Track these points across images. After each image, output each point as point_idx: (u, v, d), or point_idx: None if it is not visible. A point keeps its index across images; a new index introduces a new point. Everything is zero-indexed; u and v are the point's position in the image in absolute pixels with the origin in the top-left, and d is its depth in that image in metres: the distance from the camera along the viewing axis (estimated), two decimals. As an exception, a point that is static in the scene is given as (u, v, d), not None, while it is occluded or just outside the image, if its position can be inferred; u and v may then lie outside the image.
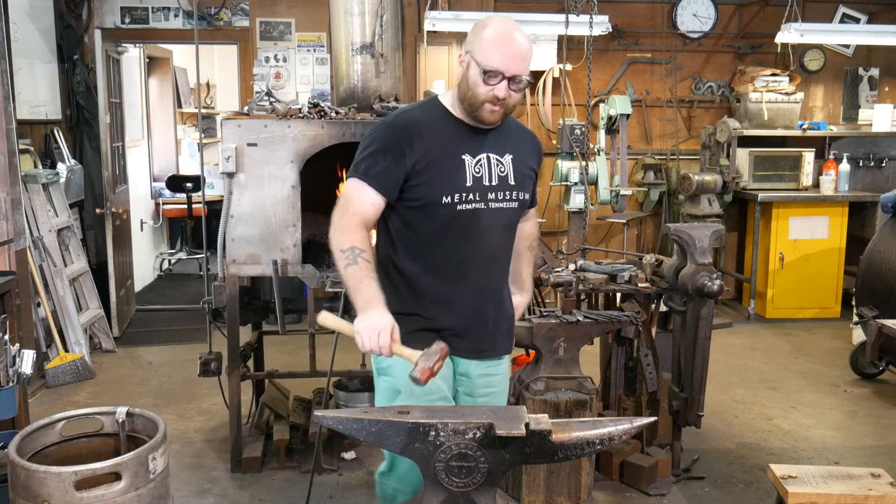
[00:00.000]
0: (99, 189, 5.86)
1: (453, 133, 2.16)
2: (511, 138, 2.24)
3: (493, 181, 2.16)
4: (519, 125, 2.36)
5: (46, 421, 2.35)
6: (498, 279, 2.28)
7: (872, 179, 6.72)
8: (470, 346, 2.23)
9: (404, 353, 1.94)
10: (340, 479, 3.60)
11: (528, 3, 6.43)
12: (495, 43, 2.06)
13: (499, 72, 2.05)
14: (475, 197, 2.13)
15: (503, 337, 2.33)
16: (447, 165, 2.12)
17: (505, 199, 2.18)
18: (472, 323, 2.22)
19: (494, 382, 2.32)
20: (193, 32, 4.17)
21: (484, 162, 2.15)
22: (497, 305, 2.28)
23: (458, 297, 2.18)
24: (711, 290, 3.18)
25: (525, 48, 2.09)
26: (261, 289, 3.88)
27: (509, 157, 2.19)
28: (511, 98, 2.10)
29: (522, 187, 2.21)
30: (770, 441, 4.05)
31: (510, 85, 2.07)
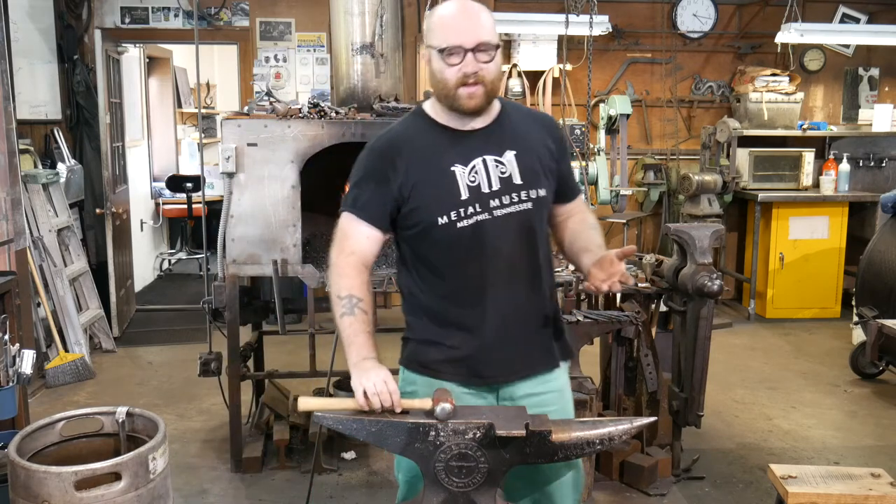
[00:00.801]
0: (99, 189, 5.86)
1: (438, 143, 1.95)
2: (512, 130, 1.99)
3: (495, 186, 1.92)
4: (525, 111, 2.11)
5: (46, 421, 2.35)
6: (522, 292, 2.00)
7: (872, 179, 6.72)
8: (501, 371, 2.01)
9: (414, 404, 1.83)
10: (340, 479, 3.60)
11: (528, 3, 6.43)
12: (443, 21, 1.89)
13: (456, 46, 1.84)
14: (475, 209, 1.91)
15: (542, 351, 2.06)
16: (436, 182, 1.92)
17: (513, 203, 1.93)
18: (497, 347, 1.98)
19: (549, 401, 2.03)
20: (193, 32, 4.17)
21: (479, 167, 1.93)
22: (526, 321, 2.02)
23: (478, 323, 1.97)
24: (711, 290, 3.17)
25: (475, 13, 1.88)
26: (261, 289, 3.89)
27: (511, 154, 1.94)
28: (484, 71, 1.85)
29: (535, 183, 1.95)
30: (770, 441, 4.05)
31: (476, 56, 1.84)
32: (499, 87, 2.00)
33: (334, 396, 4.00)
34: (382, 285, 3.38)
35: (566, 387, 2.13)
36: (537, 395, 2.04)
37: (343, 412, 1.84)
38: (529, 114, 2.11)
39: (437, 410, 1.79)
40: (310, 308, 3.55)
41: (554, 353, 2.09)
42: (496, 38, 1.89)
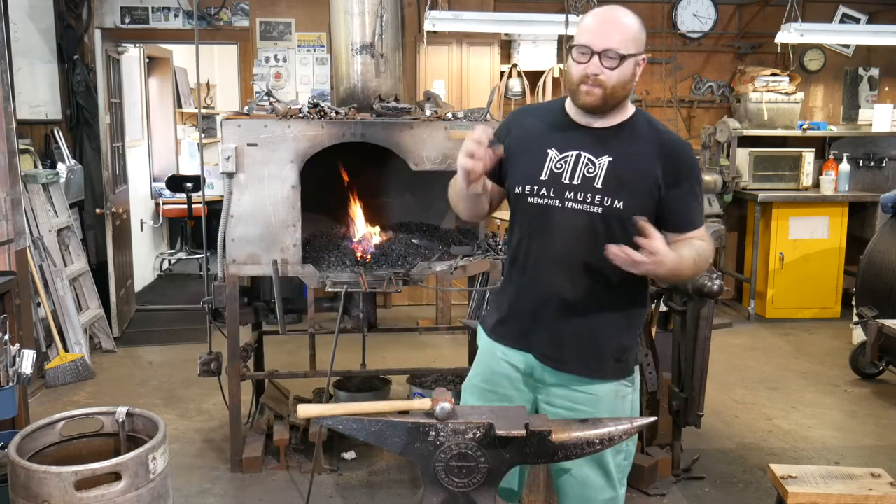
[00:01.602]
0: (99, 189, 5.86)
1: (553, 127, 2.08)
2: (622, 140, 2.03)
3: (576, 180, 2.01)
4: (655, 128, 2.08)
5: (46, 421, 2.35)
6: (570, 286, 2.05)
7: (872, 179, 6.72)
8: (534, 345, 2.11)
9: (413, 405, 1.85)
10: (340, 479, 3.60)
11: (528, 3, 6.43)
12: (587, 22, 1.99)
13: (586, 46, 1.94)
14: (549, 192, 2.03)
15: (587, 357, 2.08)
16: (528, 155, 2.07)
17: (585, 202, 1.99)
18: (532, 319, 2.10)
19: (580, 401, 2.08)
20: (193, 32, 4.17)
21: (571, 159, 2.03)
22: (570, 318, 2.06)
23: (523, 289, 2.12)
24: (711, 290, 3.18)
25: (616, 20, 1.96)
26: (261, 289, 3.88)
27: (606, 159, 2.00)
28: (606, 76, 1.93)
29: (614, 193, 1.98)
30: (770, 441, 4.05)
31: (602, 61, 1.93)
32: (622, 94, 2.00)
33: (334, 396, 4.01)
34: (383, 285, 3.38)
35: (608, 396, 2.10)
36: (567, 388, 2.10)
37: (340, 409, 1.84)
38: (656, 133, 2.07)
39: (437, 410, 1.79)
40: (310, 308, 3.55)
41: (594, 368, 2.09)
42: (631, 49, 1.95)
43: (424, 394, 4.01)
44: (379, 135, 3.44)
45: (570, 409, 2.10)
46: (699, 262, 2.01)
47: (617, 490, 2.16)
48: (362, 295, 3.56)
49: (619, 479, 2.16)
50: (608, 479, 2.12)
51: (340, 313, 3.43)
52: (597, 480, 2.12)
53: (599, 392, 2.10)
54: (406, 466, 3.68)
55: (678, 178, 2.02)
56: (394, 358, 5.24)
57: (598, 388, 2.10)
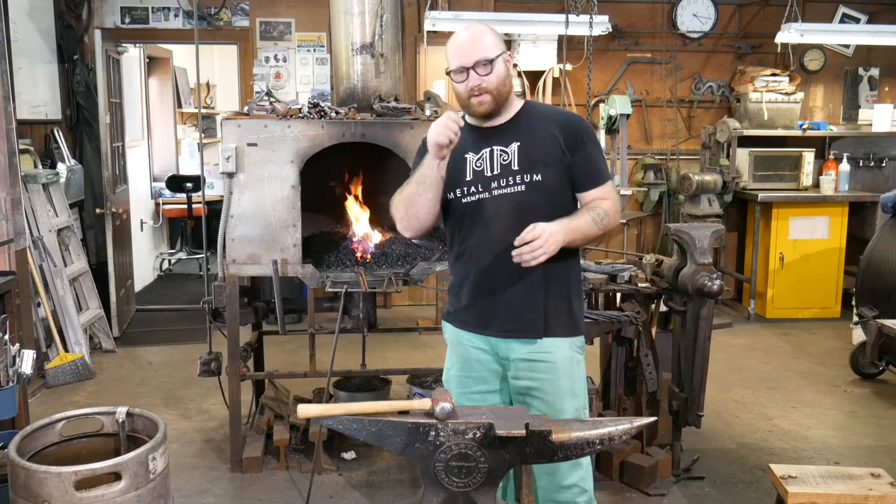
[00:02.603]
0: (99, 189, 5.86)
1: (464, 138, 2.29)
2: (523, 126, 2.31)
3: (496, 170, 2.28)
4: (545, 110, 2.42)
5: (46, 421, 2.35)
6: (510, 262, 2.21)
7: (872, 179, 6.72)
8: (491, 324, 2.34)
9: (413, 405, 1.88)
10: (340, 479, 3.60)
11: (528, 3, 6.43)
12: (449, 48, 2.26)
13: (460, 67, 2.22)
14: (477, 189, 2.30)
15: (531, 317, 2.30)
16: (452, 166, 2.29)
17: (509, 185, 2.27)
18: (487, 303, 2.34)
19: (541, 369, 2.31)
20: (193, 32, 4.17)
21: (486, 156, 2.30)
22: (519, 287, 2.29)
23: (474, 279, 2.35)
24: (711, 290, 3.18)
25: (473, 36, 2.23)
26: (261, 289, 3.88)
27: (515, 146, 2.28)
28: (486, 82, 2.21)
29: (531, 169, 2.26)
30: (770, 441, 4.05)
31: (477, 71, 2.20)
32: (506, 90, 2.27)
33: (334, 396, 4.01)
34: (383, 285, 3.38)
35: (564, 363, 2.34)
36: (533, 361, 2.32)
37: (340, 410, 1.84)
38: (548, 112, 2.40)
39: (437, 410, 1.79)
40: (310, 308, 3.55)
41: (543, 323, 2.31)
42: (495, 51, 2.22)
43: (424, 394, 4.01)
44: (379, 135, 3.44)
45: (532, 379, 2.32)
46: (601, 218, 2.26)
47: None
48: (362, 295, 3.56)
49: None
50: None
51: (340, 313, 3.43)
52: None
53: (556, 358, 2.32)
54: (406, 466, 3.68)
55: (578, 142, 2.29)
56: (394, 358, 5.24)
57: (554, 354, 2.32)
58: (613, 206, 2.31)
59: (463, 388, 2.41)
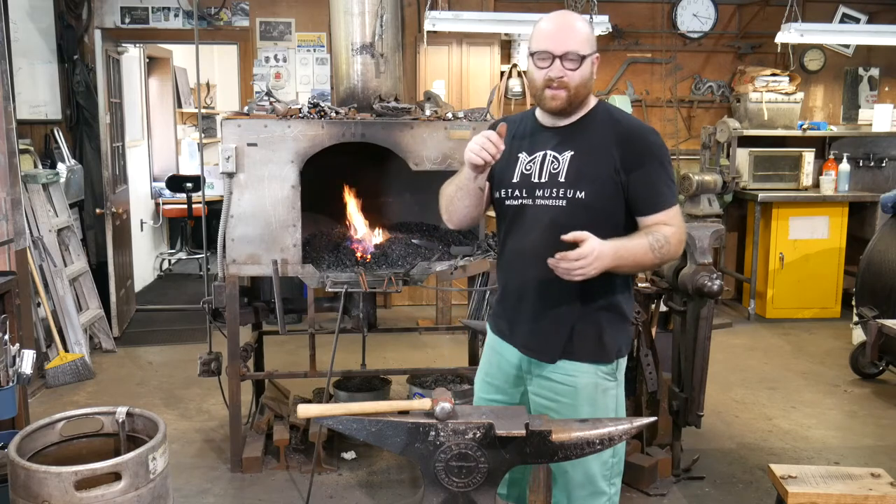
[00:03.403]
0: (99, 189, 5.86)
1: (524, 133, 2.21)
2: (583, 133, 2.13)
3: (543, 178, 2.13)
4: (615, 117, 2.17)
5: (46, 421, 2.35)
6: (543, 278, 2.09)
7: (872, 179, 6.72)
8: (517, 339, 2.23)
9: (413, 405, 1.87)
10: (340, 479, 3.60)
11: (529, 3, 6.43)
12: (540, 28, 2.11)
13: (546, 52, 2.05)
14: (521, 193, 2.16)
15: (556, 340, 2.15)
16: (505, 162, 2.17)
17: (551, 197, 2.11)
18: (514, 315, 2.23)
19: (561, 392, 2.16)
20: (193, 32, 4.17)
21: (538, 159, 2.15)
22: (547, 307, 2.15)
23: (507, 285, 2.27)
24: (711, 290, 3.17)
25: (570, 24, 2.07)
26: (261, 289, 3.88)
27: (568, 154, 2.11)
28: (568, 77, 2.05)
29: (576, 185, 2.08)
30: (770, 441, 4.05)
31: (563, 63, 2.04)
32: (584, 92, 2.11)
33: (334, 396, 4.01)
34: (383, 285, 3.38)
35: (586, 389, 2.16)
36: (549, 380, 2.18)
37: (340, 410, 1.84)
38: (614, 121, 2.16)
39: (437, 410, 1.79)
40: (310, 308, 3.55)
41: (563, 346, 2.15)
42: (587, 49, 2.07)
43: (424, 394, 4.01)
44: (379, 135, 3.44)
45: (551, 400, 2.17)
46: (661, 245, 2.04)
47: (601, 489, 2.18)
48: (362, 295, 3.56)
49: (607, 476, 2.19)
50: (588, 477, 2.16)
51: (340, 313, 3.43)
52: (576, 477, 2.17)
53: (578, 383, 2.15)
54: (406, 466, 3.68)
55: (638, 161, 2.08)
56: (394, 358, 5.24)
57: (577, 379, 2.15)
58: (677, 234, 2.07)
59: (483, 392, 2.34)
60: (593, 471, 2.16)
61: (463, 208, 2.22)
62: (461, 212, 2.24)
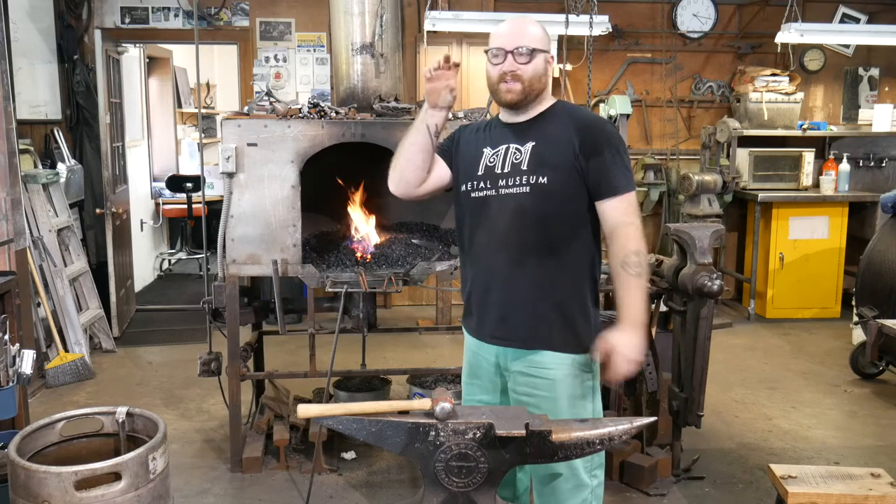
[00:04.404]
0: (99, 189, 5.86)
1: (488, 130, 2.32)
2: (542, 126, 2.22)
3: (506, 168, 2.21)
4: (572, 112, 2.27)
5: (46, 421, 2.35)
6: (516, 268, 2.19)
7: (872, 179, 6.72)
8: (486, 330, 2.28)
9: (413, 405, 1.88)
10: (340, 479, 3.60)
11: (528, 3, 6.43)
12: (497, 30, 2.23)
13: (498, 48, 2.17)
14: (486, 185, 2.23)
15: (527, 328, 2.19)
16: (469, 157, 2.30)
17: (515, 185, 2.19)
18: (482, 307, 2.28)
19: (539, 385, 2.19)
20: (193, 32, 4.17)
21: (501, 152, 2.24)
22: (518, 295, 2.19)
23: (474, 278, 2.31)
24: (711, 290, 3.18)
25: (522, 25, 2.20)
26: (261, 289, 3.88)
27: (530, 145, 2.20)
28: (521, 70, 2.15)
29: (538, 171, 2.16)
30: (770, 441, 4.05)
31: (515, 58, 2.15)
32: (538, 86, 2.21)
33: (334, 396, 4.01)
34: (383, 285, 3.38)
35: (565, 381, 2.20)
36: (526, 374, 2.22)
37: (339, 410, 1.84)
38: (573, 114, 2.26)
39: (437, 410, 1.79)
40: (310, 308, 3.55)
41: (532, 332, 2.20)
42: (538, 45, 2.18)
43: (424, 394, 4.01)
44: (379, 135, 3.44)
45: (530, 395, 2.20)
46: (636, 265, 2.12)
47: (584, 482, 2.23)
48: (362, 295, 3.56)
49: (588, 468, 2.23)
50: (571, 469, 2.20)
51: (340, 313, 3.43)
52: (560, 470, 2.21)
53: (555, 375, 2.19)
54: (406, 466, 3.68)
55: (595, 148, 2.16)
56: (394, 358, 5.24)
57: (553, 371, 2.19)
58: (636, 230, 2.16)
59: (468, 394, 2.37)
60: (576, 464, 2.20)
61: (413, 167, 2.27)
62: (410, 171, 2.28)
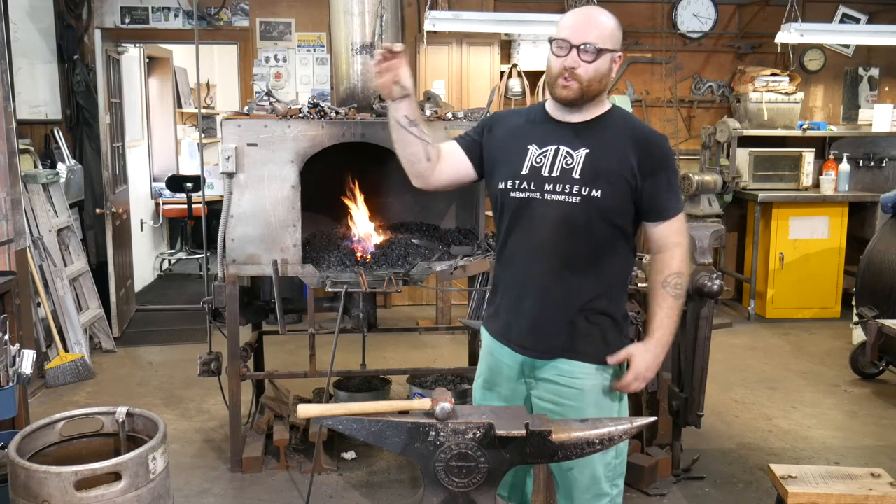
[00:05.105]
0: (99, 189, 5.86)
1: (533, 124, 2.17)
2: (599, 132, 2.10)
3: (555, 172, 2.07)
4: (629, 122, 2.17)
5: (46, 421, 2.35)
6: (555, 278, 2.10)
7: (872, 179, 6.72)
8: (513, 338, 2.18)
9: (413, 405, 1.87)
10: (340, 479, 3.60)
11: (529, 3, 6.43)
12: (566, 19, 2.11)
13: (565, 40, 2.03)
14: (529, 185, 2.09)
15: (561, 339, 2.11)
16: (510, 151, 2.15)
17: (564, 192, 2.05)
18: (513, 313, 2.17)
19: (566, 395, 2.12)
20: (193, 32, 4.18)
21: (550, 153, 2.10)
22: (554, 305, 2.11)
23: (506, 284, 2.20)
24: (711, 290, 3.18)
25: (594, 17, 2.07)
26: (261, 289, 3.88)
27: (583, 151, 2.06)
28: (582, 69, 2.02)
29: (592, 183, 2.03)
30: (770, 441, 4.05)
31: (580, 55, 2.02)
32: (598, 87, 2.08)
33: (334, 396, 4.01)
34: (383, 285, 3.38)
35: (593, 392, 2.14)
36: (554, 383, 2.14)
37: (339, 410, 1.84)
38: (630, 125, 2.16)
39: (437, 410, 1.79)
40: (310, 308, 3.55)
41: (571, 347, 2.12)
42: (608, 44, 2.06)
43: (424, 394, 4.01)
44: (379, 135, 3.44)
45: (556, 404, 2.13)
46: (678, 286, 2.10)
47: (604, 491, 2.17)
48: (362, 295, 3.56)
49: (610, 478, 2.18)
50: (592, 478, 2.15)
51: (340, 313, 3.43)
52: (581, 480, 2.15)
53: (584, 385, 2.13)
54: (406, 466, 3.68)
55: (653, 168, 2.07)
56: (394, 358, 5.24)
57: (582, 381, 2.12)
58: (683, 252, 2.10)
59: (484, 400, 2.27)
60: (598, 473, 2.14)
61: (412, 162, 2.20)
62: (411, 166, 2.22)
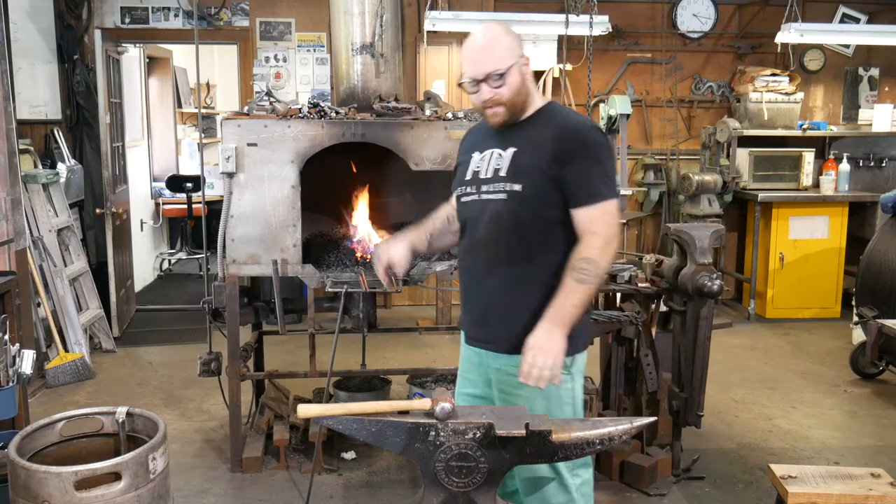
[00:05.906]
0: (99, 189, 5.86)
1: (481, 136, 2.35)
2: (527, 131, 2.22)
3: (488, 174, 2.24)
4: (558, 118, 2.23)
5: (46, 421, 2.35)
6: (495, 272, 2.22)
7: (872, 179, 6.72)
8: (467, 330, 2.37)
9: (413, 405, 1.88)
10: (340, 479, 3.60)
11: (528, 3, 6.43)
12: (463, 55, 2.24)
13: (470, 79, 2.17)
14: (472, 190, 2.28)
15: (506, 331, 2.18)
16: (463, 164, 2.35)
17: (493, 192, 2.21)
18: (466, 309, 2.37)
19: (517, 385, 2.12)
20: (193, 32, 4.17)
21: (487, 157, 2.27)
22: (496, 298, 2.23)
23: (461, 279, 2.39)
24: (711, 290, 3.18)
25: (484, 45, 2.17)
26: (261, 289, 3.88)
27: (511, 151, 2.21)
28: (498, 95, 2.16)
29: (514, 178, 2.16)
30: (770, 441, 4.05)
31: (489, 83, 2.15)
32: (523, 97, 2.21)
33: (334, 396, 4.01)
34: (383, 285, 3.37)
35: None
36: (507, 373, 2.21)
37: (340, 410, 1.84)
38: (557, 119, 2.23)
39: (437, 410, 1.79)
40: (310, 308, 3.55)
41: (513, 340, 2.15)
42: (507, 61, 2.14)
43: (424, 394, 4.01)
44: (379, 135, 3.44)
45: (508, 394, 2.22)
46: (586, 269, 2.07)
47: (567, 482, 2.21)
48: (362, 295, 3.56)
49: (569, 468, 2.22)
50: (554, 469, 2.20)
51: (340, 313, 3.43)
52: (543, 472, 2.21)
53: None
54: (406, 466, 3.68)
55: (570, 157, 2.13)
56: (394, 358, 5.24)
57: None
58: (600, 241, 2.09)
59: (460, 387, 2.43)
60: (558, 464, 2.18)
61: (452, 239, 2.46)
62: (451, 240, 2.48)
